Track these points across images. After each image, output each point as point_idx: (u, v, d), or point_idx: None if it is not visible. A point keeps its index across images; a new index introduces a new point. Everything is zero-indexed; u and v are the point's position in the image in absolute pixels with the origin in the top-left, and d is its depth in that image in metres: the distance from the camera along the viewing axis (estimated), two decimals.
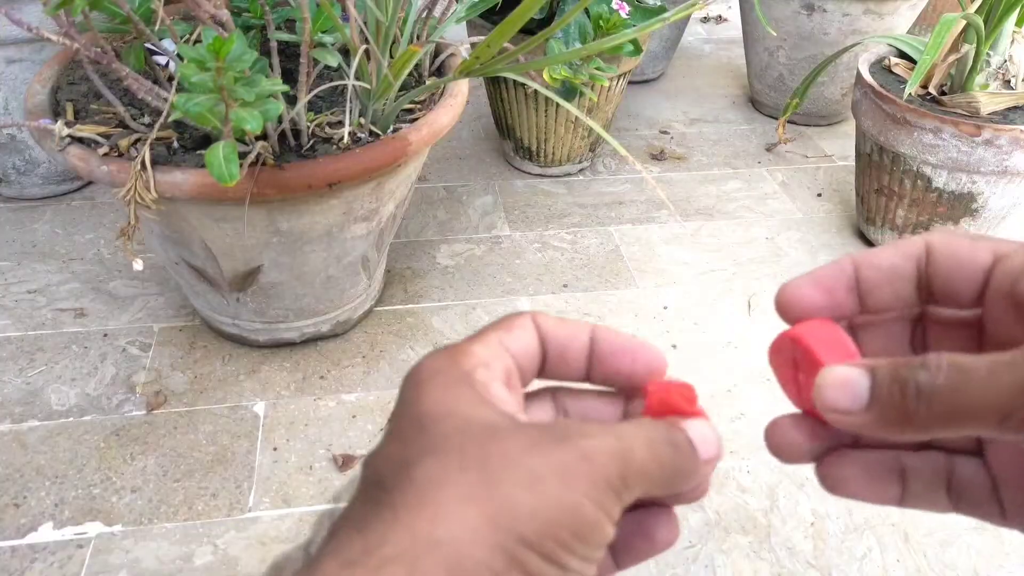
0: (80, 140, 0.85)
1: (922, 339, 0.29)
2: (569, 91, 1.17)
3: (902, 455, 0.28)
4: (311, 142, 0.89)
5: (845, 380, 0.24)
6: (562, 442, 0.23)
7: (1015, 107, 1.15)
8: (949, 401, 0.22)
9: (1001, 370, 0.21)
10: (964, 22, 1.10)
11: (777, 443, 0.28)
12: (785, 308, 0.28)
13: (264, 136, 0.84)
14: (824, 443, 0.28)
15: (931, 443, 0.28)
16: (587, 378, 0.29)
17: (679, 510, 0.28)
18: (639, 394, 0.29)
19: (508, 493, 0.21)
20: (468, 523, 0.21)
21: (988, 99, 1.13)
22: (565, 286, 1.22)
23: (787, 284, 0.28)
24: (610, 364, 0.28)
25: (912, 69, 1.25)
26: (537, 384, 0.29)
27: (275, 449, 0.95)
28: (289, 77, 0.96)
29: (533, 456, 0.22)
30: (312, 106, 0.96)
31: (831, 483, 0.28)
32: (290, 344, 1.08)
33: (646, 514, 0.28)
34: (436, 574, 0.20)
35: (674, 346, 1.12)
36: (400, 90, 0.93)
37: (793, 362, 0.28)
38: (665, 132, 1.67)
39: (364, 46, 0.84)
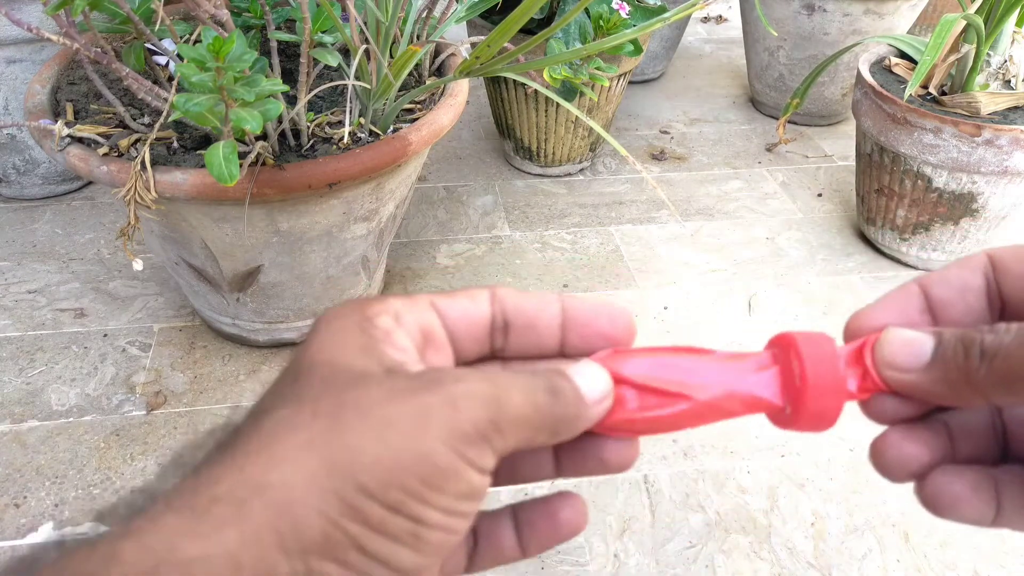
0: (80, 140, 0.85)
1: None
2: (569, 91, 1.17)
3: (992, 470, 0.26)
4: (311, 142, 0.89)
5: (910, 339, 0.25)
6: (429, 388, 0.22)
7: (1015, 107, 1.15)
8: (1014, 359, 0.22)
9: None
10: (964, 22, 1.10)
11: (892, 458, 0.26)
12: (857, 335, 0.27)
13: (264, 136, 0.84)
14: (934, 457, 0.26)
15: (1014, 453, 0.27)
16: (562, 349, 0.28)
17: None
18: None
19: (353, 440, 0.21)
20: (303, 469, 0.20)
21: (988, 99, 1.13)
22: (565, 286, 1.22)
23: (858, 312, 0.27)
24: (592, 328, 0.27)
25: (912, 69, 1.25)
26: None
27: None
28: (289, 77, 0.97)
29: (392, 403, 0.21)
30: (312, 106, 0.96)
31: (941, 502, 0.25)
32: (290, 344, 1.08)
33: (554, 497, 0.28)
34: (264, 516, 0.20)
35: None
36: (400, 90, 0.93)
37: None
38: (665, 132, 1.67)
39: (364, 46, 0.84)
